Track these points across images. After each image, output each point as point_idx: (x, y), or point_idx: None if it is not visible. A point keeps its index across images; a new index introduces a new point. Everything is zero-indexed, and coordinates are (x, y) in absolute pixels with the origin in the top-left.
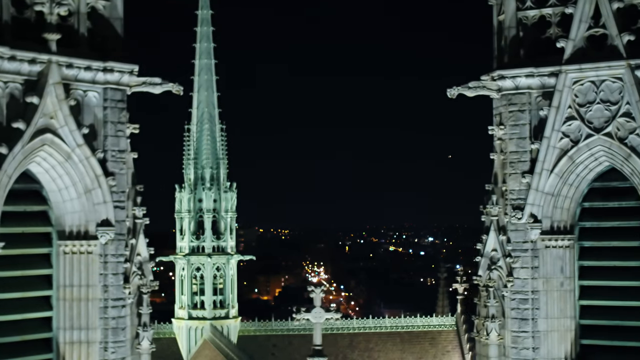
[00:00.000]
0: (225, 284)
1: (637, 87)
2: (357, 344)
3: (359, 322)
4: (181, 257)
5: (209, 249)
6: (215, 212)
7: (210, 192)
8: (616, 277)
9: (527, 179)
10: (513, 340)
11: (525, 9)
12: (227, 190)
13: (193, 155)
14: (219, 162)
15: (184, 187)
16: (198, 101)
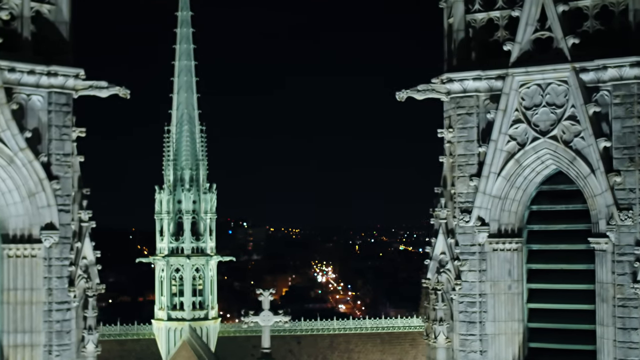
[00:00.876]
0: (204, 285)
1: (581, 90)
2: (337, 345)
3: (339, 323)
4: (160, 259)
5: (188, 250)
6: (195, 213)
7: (190, 193)
8: (563, 280)
9: (474, 182)
10: (461, 344)
11: (474, 12)
12: (207, 191)
13: (172, 156)
14: (198, 164)
15: (164, 188)
16: (178, 102)
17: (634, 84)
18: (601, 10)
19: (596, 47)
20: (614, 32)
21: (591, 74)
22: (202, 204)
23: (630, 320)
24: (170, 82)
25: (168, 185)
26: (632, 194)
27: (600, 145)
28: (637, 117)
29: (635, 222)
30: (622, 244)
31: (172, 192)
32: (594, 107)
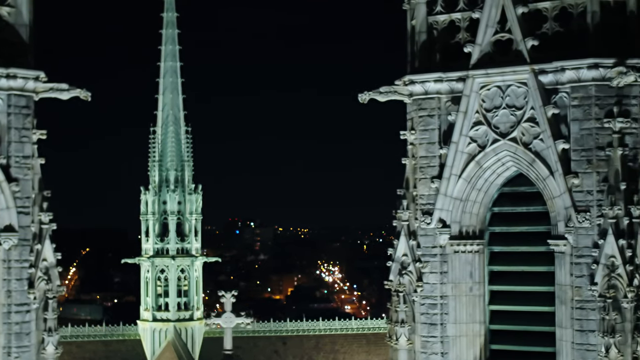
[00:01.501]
0: (189, 286)
1: (540, 92)
2: (322, 345)
3: (325, 323)
4: (145, 259)
5: (173, 251)
6: (180, 214)
7: (175, 194)
8: (525, 282)
9: (436, 184)
10: (422, 345)
11: (436, 13)
12: (192, 192)
13: (158, 157)
14: (183, 165)
15: (149, 189)
16: (163, 103)
17: (592, 86)
18: (560, 12)
19: (555, 49)
20: (572, 34)
21: (550, 76)
22: (187, 205)
23: (587, 323)
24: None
25: (153, 186)
26: (590, 196)
27: (559, 147)
28: (594, 119)
29: (592, 224)
30: (580, 246)
31: (157, 193)
32: (552, 109)
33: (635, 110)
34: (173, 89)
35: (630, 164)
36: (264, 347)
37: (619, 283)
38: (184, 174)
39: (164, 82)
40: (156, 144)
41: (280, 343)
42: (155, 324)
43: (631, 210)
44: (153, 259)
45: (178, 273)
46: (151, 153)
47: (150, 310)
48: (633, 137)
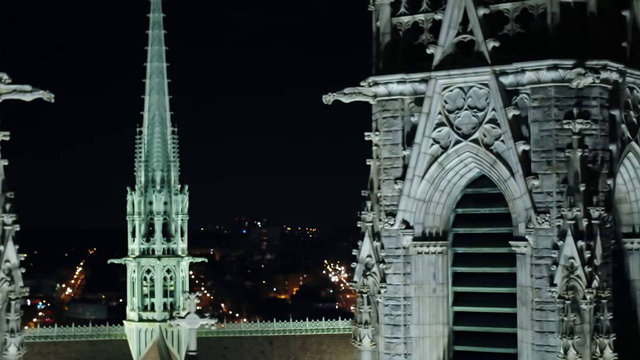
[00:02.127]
0: (175, 286)
1: (501, 94)
2: (309, 346)
3: (312, 324)
4: (131, 260)
5: (159, 252)
6: (166, 214)
7: (161, 194)
8: (488, 284)
9: (399, 185)
10: (386, 347)
11: (400, 15)
12: (178, 192)
13: (144, 157)
14: (169, 165)
15: (135, 189)
16: (149, 104)
17: (551, 87)
18: (521, 13)
19: (516, 50)
20: (533, 35)
21: (511, 77)
22: (173, 205)
23: (547, 324)
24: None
25: (139, 186)
26: (550, 197)
27: (519, 149)
28: (554, 121)
29: (552, 225)
30: (540, 247)
31: (143, 194)
32: (513, 111)
33: (595, 112)
34: (159, 90)
35: (590, 165)
36: (250, 347)
37: (578, 284)
38: (170, 175)
39: (150, 83)
40: (142, 144)
41: (267, 343)
42: (141, 324)
43: (590, 211)
44: (139, 260)
45: (164, 273)
46: (137, 153)
47: (136, 310)
48: (593, 139)
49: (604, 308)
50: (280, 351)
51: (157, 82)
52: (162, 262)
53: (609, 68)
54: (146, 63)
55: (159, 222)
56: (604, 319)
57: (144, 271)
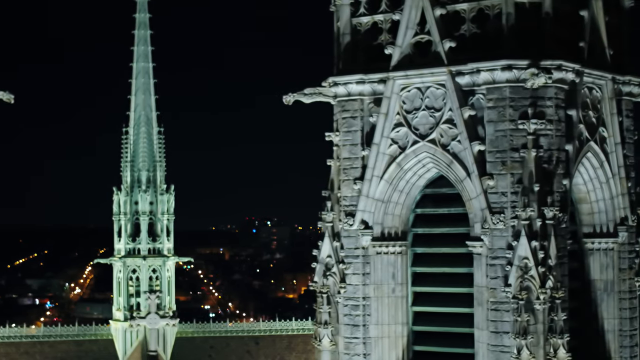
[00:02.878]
0: (161, 286)
1: (457, 94)
2: (295, 345)
3: (298, 323)
4: (117, 260)
5: (144, 251)
6: (152, 214)
7: (146, 194)
8: (447, 284)
9: (358, 186)
10: (345, 347)
11: (359, 15)
12: (164, 192)
13: (130, 157)
14: (155, 165)
15: (121, 189)
16: (135, 104)
17: (506, 88)
18: (478, 13)
19: (472, 50)
20: (488, 35)
21: (467, 78)
22: (159, 205)
23: (502, 324)
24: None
25: (125, 186)
26: (504, 198)
27: (475, 149)
28: (509, 121)
29: (507, 225)
30: (495, 248)
31: (129, 194)
32: (469, 111)
33: (550, 112)
34: (145, 90)
35: (545, 165)
36: (236, 347)
37: (531, 285)
38: (156, 175)
39: (136, 83)
40: (128, 144)
41: (252, 343)
42: (127, 324)
43: (544, 211)
44: (125, 260)
45: (149, 273)
46: (123, 153)
47: (122, 310)
48: (548, 139)
49: (558, 308)
50: (266, 351)
51: (142, 82)
52: (147, 262)
53: (564, 68)
54: (132, 63)
55: (145, 222)
56: (557, 319)
57: (129, 271)
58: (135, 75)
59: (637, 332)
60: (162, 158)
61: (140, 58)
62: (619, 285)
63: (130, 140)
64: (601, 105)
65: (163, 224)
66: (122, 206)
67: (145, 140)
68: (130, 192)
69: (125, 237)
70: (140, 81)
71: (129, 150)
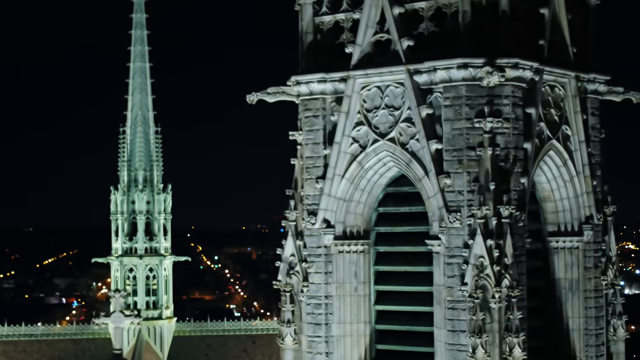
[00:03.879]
0: (158, 285)
1: (415, 92)
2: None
3: None
4: (114, 259)
5: (141, 250)
6: (149, 213)
7: (143, 194)
8: (409, 283)
9: (320, 185)
10: (308, 345)
11: (322, 14)
12: (161, 192)
13: (127, 157)
14: (152, 164)
15: (118, 188)
16: (132, 104)
17: (462, 86)
18: (436, 12)
19: (430, 49)
20: (446, 34)
21: (424, 76)
22: (156, 205)
23: (459, 323)
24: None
25: (122, 185)
26: (461, 196)
27: (432, 148)
28: (465, 119)
29: (463, 224)
30: (452, 246)
31: (126, 193)
32: (426, 109)
33: (507, 110)
34: (142, 90)
35: (502, 164)
36: (233, 346)
37: (487, 283)
38: (153, 174)
39: (132, 83)
40: (125, 144)
41: (249, 342)
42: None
43: (500, 210)
44: (122, 258)
45: (146, 272)
46: (120, 153)
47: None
48: (505, 137)
49: (514, 307)
50: (262, 350)
51: (139, 82)
52: (144, 261)
53: (521, 66)
54: (129, 63)
55: (142, 221)
56: (513, 318)
57: (126, 270)
58: (132, 75)
59: (603, 331)
60: (159, 158)
61: (137, 58)
62: (584, 284)
63: (127, 140)
64: (564, 103)
65: (160, 223)
66: (119, 205)
67: (142, 140)
68: (127, 192)
69: (122, 236)
70: (137, 81)
71: (126, 150)
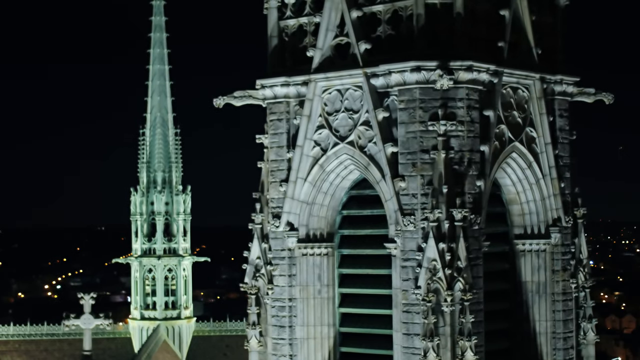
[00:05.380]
0: (177, 285)
1: (373, 96)
2: None
3: None
4: (134, 259)
5: (159, 251)
6: (168, 214)
7: (161, 195)
8: (371, 285)
9: (284, 188)
10: (273, 348)
11: (287, 18)
12: (179, 193)
13: (146, 158)
14: (171, 166)
15: (137, 189)
16: (151, 106)
17: (416, 89)
18: (392, 15)
19: (387, 52)
20: (402, 37)
21: (381, 79)
22: (174, 206)
23: (413, 326)
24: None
25: (141, 187)
26: (415, 200)
27: (388, 151)
28: (419, 122)
29: (417, 227)
30: (407, 249)
31: (145, 194)
32: (382, 113)
33: (461, 113)
34: (161, 92)
35: (456, 166)
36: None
37: (439, 287)
38: (172, 175)
39: (152, 85)
40: (145, 145)
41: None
42: (143, 323)
43: (453, 213)
44: (141, 259)
45: (165, 272)
46: (140, 155)
47: (139, 308)
48: (459, 140)
49: (466, 310)
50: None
51: (158, 84)
52: (162, 261)
53: (476, 69)
54: (149, 66)
55: (160, 222)
56: (466, 322)
57: (145, 270)
58: (151, 77)
59: (572, 335)
60: (178, 159)
61: (156, 60)
62: (552, 287)
63: (147, 142)
64: (528, 105)
65: (179, 224)
66: (138, 206)
67: (161, 141)
68: (146, 193)
69: (142, 237)
70: (156, 83)
71: (145, 152)
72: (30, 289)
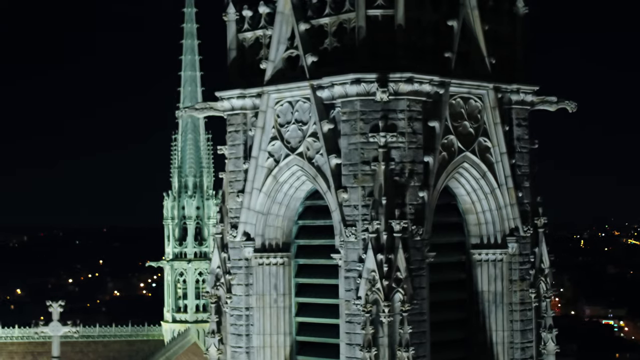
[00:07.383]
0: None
1: (319, 108)
2: None
3: None
4: (166, 263)
5: (190, 255)
6: (199, 219)
7: (192, 200)
8: (327, 295)
9: (241, 198)
10: (231, 355)
11: (244, 31)
12: (210, 197)
13: (178, 164)
14: (202, 171)
15: (170, 194)
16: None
17: (357, 101)
18: (338, 28)
19: (332, 64)
20: (346, 49)
21: (326, 91)
22: (205, 210)
23: (355, 336)
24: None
25: (173, 192)
26: (356, 211)
27: (332, 162)
28: (360, 134)
29: (358, 238)
30: (349, 260)
31: (176, 199)
32: (327, 124)
33: (402, 125)
34: (192, 98)
35: (397, 178)
36: None
37: (378, 297)
38: (203, 180)
39: (183, 91)
40: (176, 150)
41: None
42: (174, 325)
43: (392, 224)
44: (172, 263)
45: (196, 276)
46: (172, 159)
47: (170, 311)
48: (400, 151)
49: (405, 321)
50: None
51: (189, 90)
52: (192, 265)
53: (417, 80)
54: (180, 72)
55: (191, 226)
56: (404, 333)
57: (177, 274)
58: (183, 83)
59: (532, 345)
60: (209, 164)
61: (188, 67)
62: (509, 297)
63: (179, 147)
64: (482, 115)
65: (210, 229)
66: (170, 211)
67: (192, 146)
68: (177, 197)
69: (173, 240)
70: (187, 90)
71: (176, 157)
72: (125, 287)
